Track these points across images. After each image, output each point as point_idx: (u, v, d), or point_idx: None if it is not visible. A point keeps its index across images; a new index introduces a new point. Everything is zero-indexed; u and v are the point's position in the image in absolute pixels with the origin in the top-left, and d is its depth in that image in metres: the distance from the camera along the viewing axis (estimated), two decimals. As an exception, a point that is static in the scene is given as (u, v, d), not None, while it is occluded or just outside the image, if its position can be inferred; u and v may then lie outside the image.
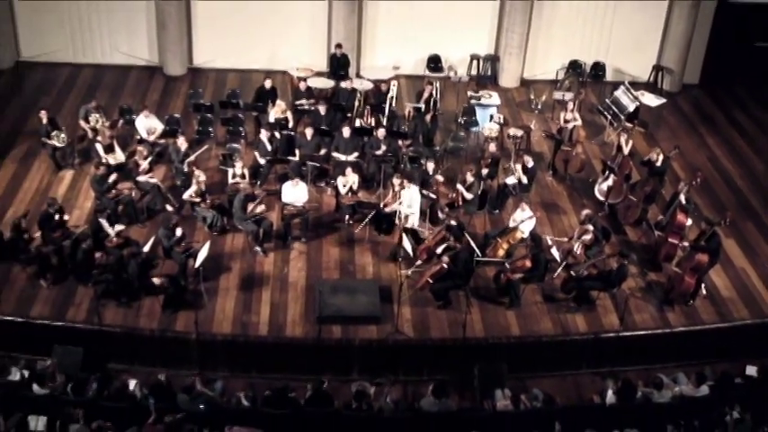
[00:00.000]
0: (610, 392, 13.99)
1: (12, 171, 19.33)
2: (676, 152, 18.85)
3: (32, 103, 21.57)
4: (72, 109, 21.28)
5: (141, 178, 18.14)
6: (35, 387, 13.45)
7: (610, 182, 18.69)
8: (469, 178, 18.03)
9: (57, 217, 16.65)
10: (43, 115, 19.41)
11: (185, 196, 17.56)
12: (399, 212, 17.19)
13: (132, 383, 13.92)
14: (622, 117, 21.16)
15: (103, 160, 18.43)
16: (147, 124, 19.60)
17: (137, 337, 15.10)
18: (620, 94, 21.75)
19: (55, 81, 23.00)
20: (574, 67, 23.88)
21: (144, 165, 18.16)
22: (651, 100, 21.99)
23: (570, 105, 20.29)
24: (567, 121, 20.01)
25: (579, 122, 20.22)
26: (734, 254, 17.94)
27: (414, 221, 17.13)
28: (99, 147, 18.85)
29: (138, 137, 19.57)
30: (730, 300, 16.77)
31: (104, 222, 16.56)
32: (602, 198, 18.79)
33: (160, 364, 14.96)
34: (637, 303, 16.45)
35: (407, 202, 17.11)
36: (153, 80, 23.42)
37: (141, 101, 21.67)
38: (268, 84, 20.86)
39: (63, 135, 19.35)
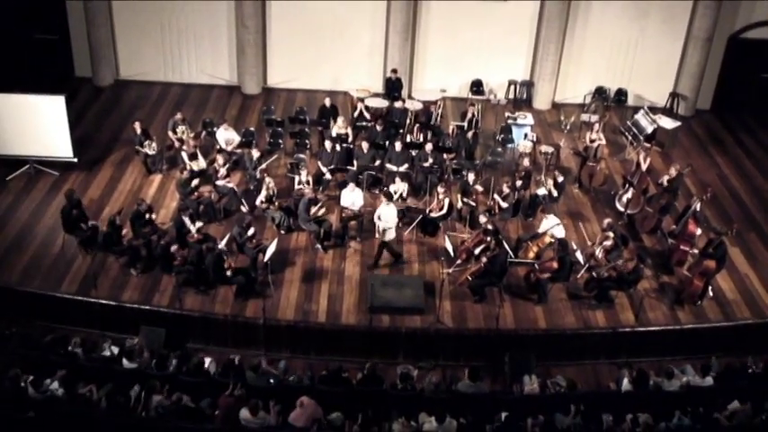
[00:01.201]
0: (625, 381, 13.87)
1: (109, 174, 19.55)
2: (689, 170, 18.58)
3: (128, 116, 21.79)
4: (162, 121, 21.49)
5: (220, 183, 18.26)
6: (124, 362, 13.56)
7: (629, 194, 18.49)
8: (505, 189, 17.94)
9: (147, 215, 16.80)
10: (137, 126, 19.60)
11: (258, 202, 17.61)
12: (378, 226, 17.02)
13: (207, 361, 14.00)
14: (641, 137, 20.94)
15: (188, 166, 18.57)
16: (226, 136, 19.73)
17: (212, 320, 15.18)
18: (640, 117, 21.49)
19: (148, 97, 23.25)
20: (600, 92, 23.59)
21: (222, 171, 18.29)
22: (668, 123, 21.67)
23: (596, 126, 20.04)
24: (592, 141, 19.75)
25: (603, 142, 19.94)
26: (738, 261, 17.63)
27: (390, 236, 16.83)
28: (184, 155, 19.00)
29: (218, 147, 19.70)
30: (734, 301, 16.49)
31: (187, 220, 16.68)
32: (621, 209, 18.61)
33: (232, 345, 15.06)
34: (651, 302, 16.23)
35: (384, 217, 16.87)
36: (232, 98, 23.56)
37: (221, 116, 21.82)
38: (328, 102, 20.88)
39: (154, 144, 19.54)
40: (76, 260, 16.66)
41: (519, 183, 18.57)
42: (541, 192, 18.39)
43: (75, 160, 19.30)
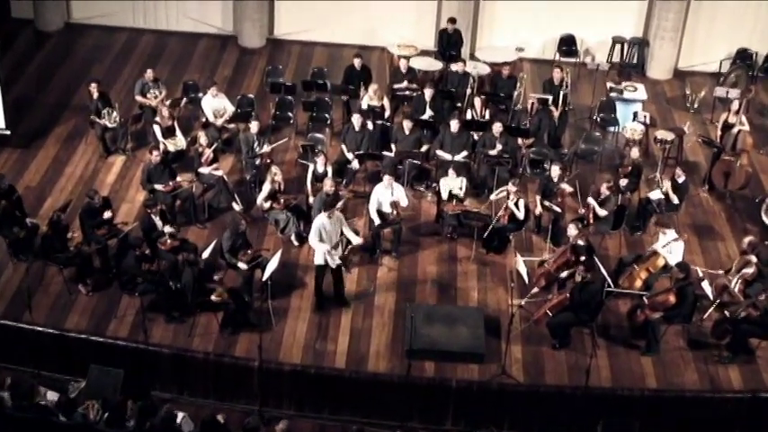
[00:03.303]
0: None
1: (53, 153, 19.77)
2: None
3: (82, 74, 22.06)
4: (128, 82, 21.73)
5: (204, 170, 18.35)
6: (66, 414, 13.58)
7: (782, 203, 18.42)
8: (604, 190, 17.80)
9: (102, 212, 16.85)
10: (93, 89, 19.78)
11: (259, 200, 17.71)
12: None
13: (180, 416, 13.98)
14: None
15: (161, 146, 18.72)
16: (215, 105, 19.83)
17: (188, 360, 15.17)
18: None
19: (109, 48, 23.53)
20: (742, 57, 23.46)
21: (208, 153, 18.35)
22: None
23: (735, 105, 19.89)
24: (730, 125, 19.60)
25: (746, 127, 19.77)
26: None
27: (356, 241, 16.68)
28: (157, 129, 19.15)
29: (204, 119, 19.82)
30: None
31: (158, 220, 16.78)
32: (770, 223, 18.54)
33: (214, 396, 15.07)
34: (809, 358, 16.10)
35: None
36: (225, 52, 23.78)
37: (210, 77, 22.00)
38: (358, 63, 20.94)
39: (115, 113, 19.72)
40: (5, 271, 16.79)
41: (624, 182, 18.45)
42: (655, 196, 18.29)
43: (8, 132, 19.55)
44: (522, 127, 19.74)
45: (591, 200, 17.79)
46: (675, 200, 18.20)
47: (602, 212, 17.71)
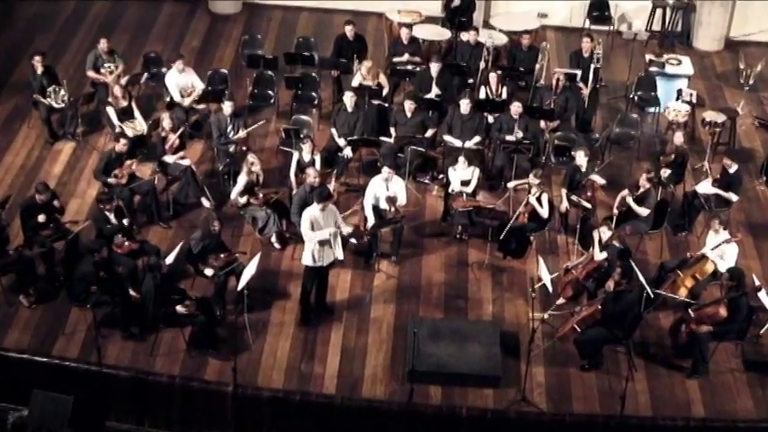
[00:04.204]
0: None
1: (-11, 139, 19.85)
2: None
3: (23, 46, 22.09)
4: (78, 55, 21.75)
5: (168, 158, 18.38)
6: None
7: None
8: (643, 182, 17.79)
9: (48, 208, 16.80)
10: (37, 63, 19.78)
11: (233, 195, 17.70)
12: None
13: (140, 451, 14.09)
14: None
15: (117, 130, 18.73)
16: (182, 81, 19.89)
17: (150, 385, 15.14)
18: None
19: (56, 16, 23.54)
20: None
21: (173, 139, 18.36)
22: None
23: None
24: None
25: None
26: None
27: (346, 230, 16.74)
28: (111, 111, 19.18)
29: (168, 99, 19.90)
30: None
31: (113, 218, 16.77)
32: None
33: (180, 427, 15.10)
34: None
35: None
36: (193, 19, 23.83)
37: (175, 49, 22.09)
38: (351, 32, 20.99)
39: (63, 92, 19.73)
40: (-69, 279, 16.88)
41: (665, 173, 18.46)
42: (703, 189, 18.29)
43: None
44: (546, 107, 19.77)
45: (626, 195, 17.78)
46: (726, 193, 18.22)
47: (641, 211, 17.73)
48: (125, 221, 16.67)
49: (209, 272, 16.25)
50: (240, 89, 20.86)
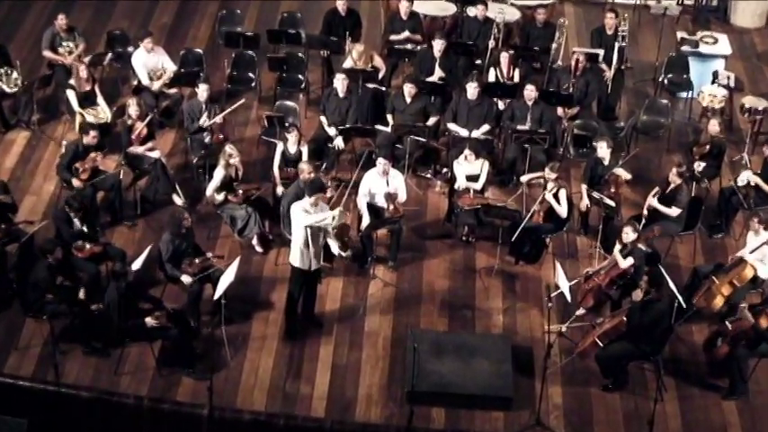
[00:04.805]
0: None
1: (-70, 128, 19.89)
2: None
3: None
4: (33, 33, 21.77)
5: (136, 149, 18.37)
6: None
7: None
8: (673, 177, 17.75)
9: (2, 206, 16.86)
10: (-14, 41, 19.91)
11: (209, 191, 17.65)
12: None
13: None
14: None
15: (77, 117, 18.85)
16: (151, 63, 19.91)
17: (114, 407, 15.13)
18: None
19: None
20: None
21: (141, 128, 18.34)
22: None
23: None
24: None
25: None
26: None
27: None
28: (72, 95, 19.20)
29: (135, 82, 19.92)
30: None
31: (76, 221, 16.74)
32: None
33: (149, 454, 15.13)
34: None
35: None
36: (164, -8, 23.82)
37: (143, 26, 22.06)
38: (343, 6, 21.01)
39: (15, 74, 19.76)
40: None
41: (699, 166, 18.49)
42: (743, 181, 18.28)
43: None
44: (564, 92, 19.79)
45: (651, 198, 17.71)
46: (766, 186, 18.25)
47: (669, 211, 17.70)
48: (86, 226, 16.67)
49: (186, 279, 16.20)
50: (217, 71, 20.92)
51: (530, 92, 19.08)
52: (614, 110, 20.44)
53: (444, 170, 18.95)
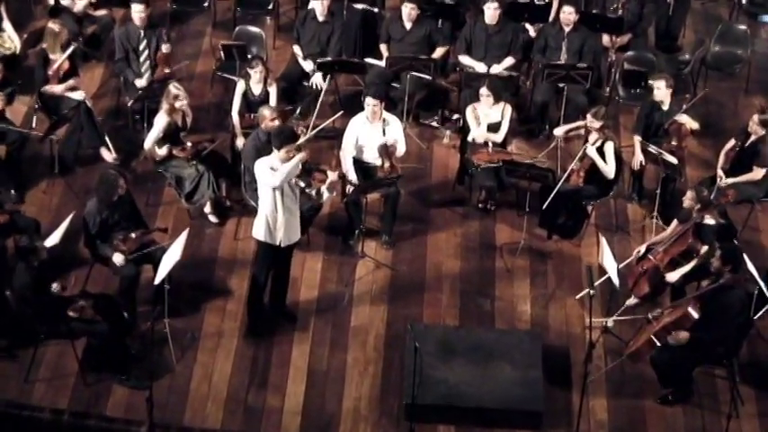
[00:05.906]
0: None
1: None
2: None
3: None
4: None
5: (53, 89, 18.28)
6: None
7: None
8: (754, 126, 17.66)
9: None
10: None
11: (148, 144, 17.49)
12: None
13: None
14: None
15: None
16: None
17: (25, 422, 15.09)
18: None
19: None
20: None
21: (60, 61, 18.32)
22: None
23: None
24: None
25: None
26: None
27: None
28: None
29: (53, 1, 19.80)
30: None
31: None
32: None
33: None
34: None
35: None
36: None
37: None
38: None
39: None
40: None
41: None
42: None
43: None
44: (611, 14, 19.70)
45: (723, 169, 17.62)
46: None
47: (749, 175, 17.60)
48: None
49: (118, 259, 16.02)
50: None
51: (567, 14, 18.97)
52: (677, 38, 20.39)
53: (455, 117, 18.91)
